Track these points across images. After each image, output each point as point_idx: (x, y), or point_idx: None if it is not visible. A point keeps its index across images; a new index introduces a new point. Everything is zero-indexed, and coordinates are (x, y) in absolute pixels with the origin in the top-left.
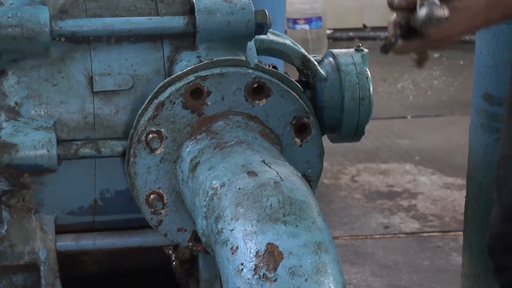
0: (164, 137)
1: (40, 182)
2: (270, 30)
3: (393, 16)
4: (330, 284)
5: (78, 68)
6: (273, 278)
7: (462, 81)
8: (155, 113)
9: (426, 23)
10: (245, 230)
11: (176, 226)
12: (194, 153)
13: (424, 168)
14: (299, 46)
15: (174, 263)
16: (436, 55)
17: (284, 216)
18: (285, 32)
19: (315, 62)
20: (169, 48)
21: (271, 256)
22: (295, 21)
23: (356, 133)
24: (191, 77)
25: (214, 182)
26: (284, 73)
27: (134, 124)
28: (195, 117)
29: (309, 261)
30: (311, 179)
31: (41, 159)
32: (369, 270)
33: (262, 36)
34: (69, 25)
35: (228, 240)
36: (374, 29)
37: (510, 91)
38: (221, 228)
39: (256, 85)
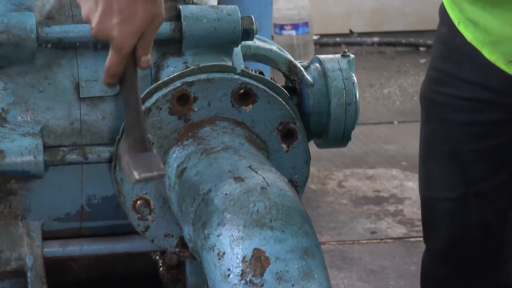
0: (151, 143)
1: (27, 188)
2: (257, 36)
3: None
4: None
5: (64, 74)
6: (260, 284)
7: None
8: None
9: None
10: (232, 235)
11: (163, 232)
12: (181, 159)
13: (411, 173)
14: (286, 52)
15: (161, 268)
16: (422, 60)
17: (271, 221)
18: (272, 38)
19: (302, 68)
20: (156, 54)
21: (257, 262)
22: (281, 27)
23: (343, 139)
24: (178, 83)
25: (200, 187)
26: (271, 79)
27: (120, 130)
28: (181, 123)
29: (296, 266)
30: (298, 185)
31: (28, 165)
32: (356, 275)
33: (249, 42)
34: (56, 31)
35: (215, 246)
36: (361, 34)
37: (425, 131)
38: (207, 234)
39: (242, 90)
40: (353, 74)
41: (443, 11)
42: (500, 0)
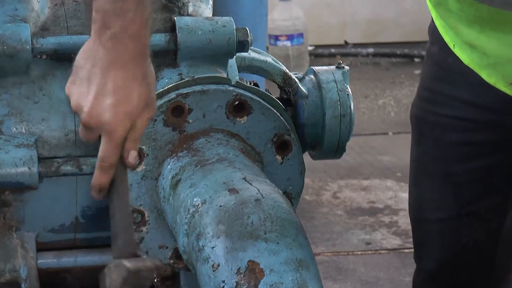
0: (146, 155)
1: (21, 200)
2: (252, 47)
3: None
4: None
5: (59, 86)
6: None
7: None
8: None
9: None
10: (226, 247)
11: (157, 243)
12: (175, 171)
13: (406, 184)
14: (280, 63)
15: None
16: (417, 71)
17: (265, 233)
18: (267, 49)
19: (296, 80)
20: None
21: (252, 274)
22: (276, 38)
23: (337, 150)
24: (172, 95)
25: (195, 199)
26: (266, 90)
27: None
28: (176, 134)
29: (290, 278)
30: (292, 196)
31: (22, 176)
32: (350, 286)
33: (244, 54)
34: (51, 42)
35: (209, 258)
36: (356, 45)
37: (416, 151)
38: (202, 246)
39: (237, 102)
40: (348, 86)
41: (433, 31)
42: (498, 23)
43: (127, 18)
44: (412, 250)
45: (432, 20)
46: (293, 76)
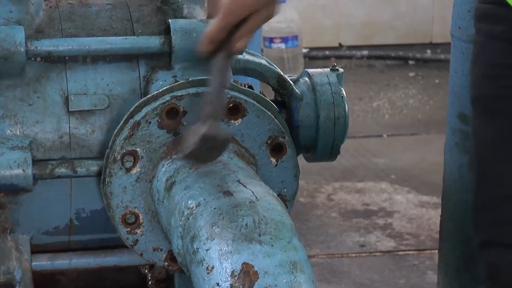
0: (140, 157)
1: (16, 202)
2: (246, 49)
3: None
4: None
5: (53, 88)
6: None
7: (437, 100)
8: (131, 133)
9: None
10: (221, 249)
11: (152, 245)
12: (170, 173)
13: (400, 186)
14: (275, 65)
15: (150, 282)
16: (411, 74)
17: (260, 235)
18: (261, 51)
19: (291, 82)
20: (145, 68)
21: (246, 276)
22: (271, 40)
23: (332, 153)
24: (167, 97)
25: (189, 201)
26: (260, 92)
27: (110, 144)
28: (171, 136)
29: (285, 280)
30: (287, 199)
31: (17, 178)
32: None
33: (238, 56)
34: (45, 44)
35: (204, 260)
36: (350, 48)
37: (492, 131)
38: (196, 248)
39: (231, 104)
40: (342, 88)
41: (491, 15)
42: None
43: None
44: (407, 252)
45: (477, 8)
46: (288, 79)
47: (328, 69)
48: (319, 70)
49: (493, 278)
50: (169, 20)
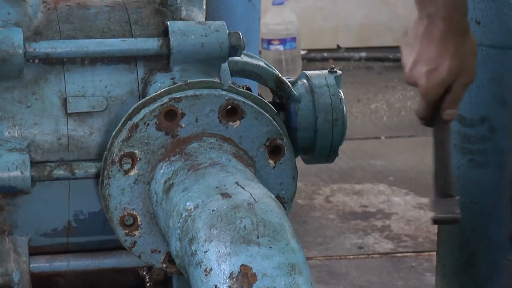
0: (138, 159)
1: (14, 204)
2: (244, 51)
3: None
4: None
5: (52, 90)
6: None
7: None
8: (129, 135)
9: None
10: (219, 251)
11: (150, 247)
12: (168, 175)
13: (398, 188)
14: (273, 67)
15: (148, 284)
16: None
17: (258, 237)
18: (260, 53)
19: (289, 84)
20: (143, 69)
21: (244, 278)
22: (269, 42)
23: (330, 155)
24: (165, 99)
25: (188, 203)
26: (258, 94)
27: (108, 146)
28: (169, 138)
29: (283, 282)
30: (285, 201)
31: (15, 180)
32: None
33: (236, 58)
34: (43, 46)
35: (202, 262)
36: (348, 50)
37: None
38: (194, 250)
39: (230, 106)
40: (340, 90)
41: None
42: None
43: (439, 4)
44: (404, 254)
45: None
46: (286, 81)
47: (326, 71)
48: (317, 72)
49: None
50: (168, 22)
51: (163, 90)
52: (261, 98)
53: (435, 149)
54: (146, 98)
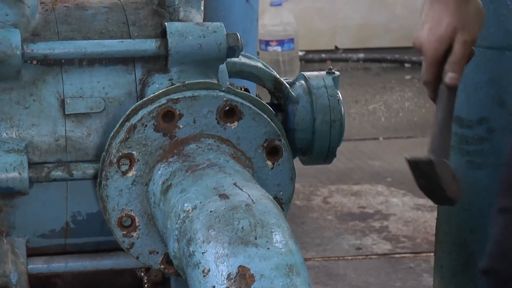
0: (136, 160)
1: (12, 205)
2: (242, 52)
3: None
4: None
5: (50, 91)
6: None
7: (433, 103)
8: (127, 136)
9: None
10: (217, 252)
11: (148, 248)
12: (166, 176)
13: (396, 189)
14: (271, 68)
15: (146, 285)
16: (407, 77)
17: (256, 238)
18: (258, 54)
19: (287, 85)
20: (141, 71)
21: (242, 279)
22: (267, 43)
23: (328, 156)
24: (163, 100)
25: (186, 205)
26: (256, 95)
27: (106, 147)
28: (167, 139)
29: (281, 283)
30: (283, 202)
31: (13, 182)
32: None
33: (234, 59)
34: (41, 47)
35: (200, 263)
36: (346, 51)
37: None
38: (192, 251)
39: (227, 108)
40: (338, 91)
41: None
42: None
43: None
44: (403, 255)
45: None
46: (284, 82)
47: (324, 72)
48: (315, 73)
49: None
50: (165, 23)
51: (161, 91)
52: (259, 99)
53: (436, 113)
54: (144, 99)
